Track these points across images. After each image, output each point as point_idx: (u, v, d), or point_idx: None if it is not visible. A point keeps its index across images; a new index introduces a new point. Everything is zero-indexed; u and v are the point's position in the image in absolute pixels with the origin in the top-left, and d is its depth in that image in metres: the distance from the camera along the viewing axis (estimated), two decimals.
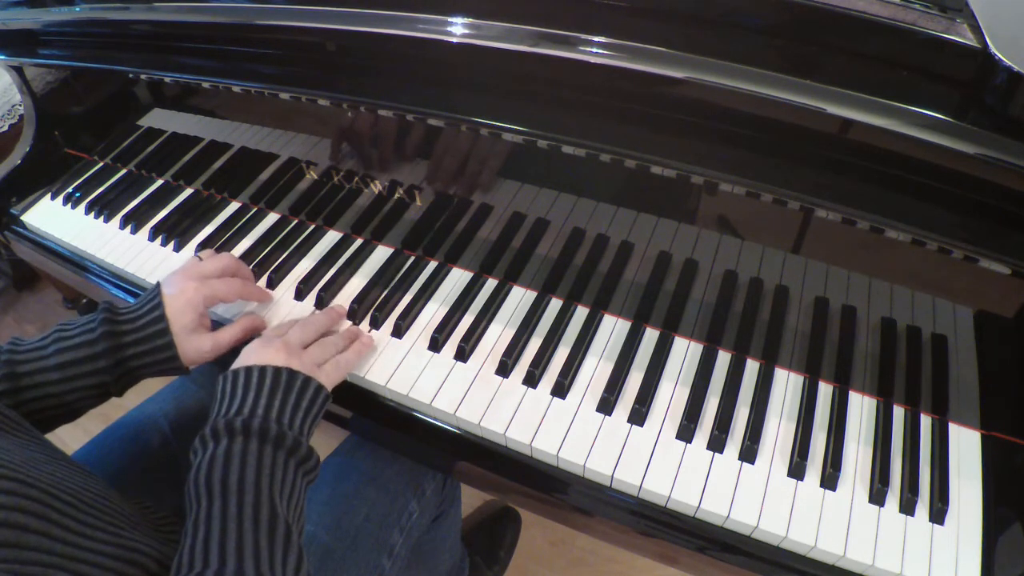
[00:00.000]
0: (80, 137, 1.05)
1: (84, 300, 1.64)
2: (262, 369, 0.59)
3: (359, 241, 0.86)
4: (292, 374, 0.60)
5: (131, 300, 0.87)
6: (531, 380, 0.68)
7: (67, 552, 0.42)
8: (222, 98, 0.85)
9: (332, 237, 0.87)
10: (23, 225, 1.01)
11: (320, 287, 0.79)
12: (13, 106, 1.12)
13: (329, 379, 0.64)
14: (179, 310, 0.66)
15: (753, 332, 0.69)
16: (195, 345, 0.67)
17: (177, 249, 0.89)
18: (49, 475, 0.45)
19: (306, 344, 0.67)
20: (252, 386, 0.58)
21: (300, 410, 0.59)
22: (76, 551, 0.42)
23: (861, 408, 0.66)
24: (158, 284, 0.69)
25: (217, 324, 0.74)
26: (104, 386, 0.64)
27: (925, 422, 0.65)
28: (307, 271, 0.82)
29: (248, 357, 0.62)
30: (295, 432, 0.57)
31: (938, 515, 0.58)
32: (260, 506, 0.50)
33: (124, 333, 0.64)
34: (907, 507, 0.59)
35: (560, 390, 0.67)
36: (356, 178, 0.80)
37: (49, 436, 0.58)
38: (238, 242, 0.88)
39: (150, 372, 0.66)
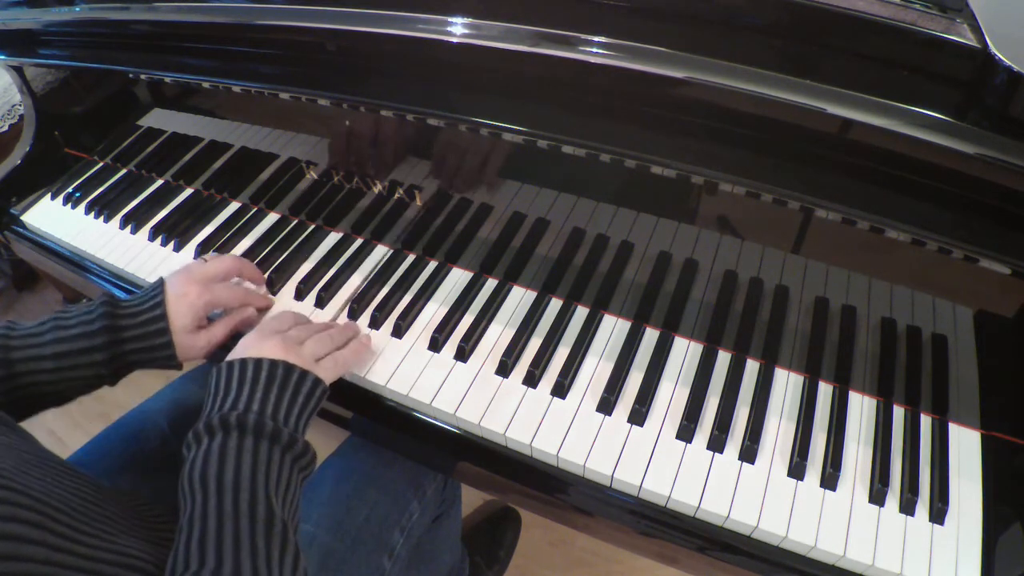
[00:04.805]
0: (80, 137, 1.05)
1: (84, 300, 1.64)
2: (257, 362, 0.58)
3: (359, 241, 0.86)
4: (288, 367, 0.59)
5: None
6: (531, 380, 0.68)
7: (65, 560, 0.41)
8: (222, 98, 0.85)
9: (332, 237, 0.87)
10: (23, 225, 1.01)
11: (320, 287, 0.79)
12: (13, 106, 1.12)
13: (327, 374, 0.63)
14: (180, 312, 0.67)
15: (753, 332, 0.69)
16: (191, 343, 0.67)
17: (177, 249, 0.89)
18: (39, 480, 0.44)
19: (303, 340, 0.66)
20: (247, 379, 0.57)
21: (296, 405, 0.58)
22: (74, 559, 0.42)
23: (861, 408, 0.66)
24: (161, 280, 0.69)
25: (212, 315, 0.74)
26: (99, 377, 0.64)
27: (925, 422, 0.65)
28: (307, 271, 0.82)
29: (244, 349, 0.62)
30: (290, 428, 0.56)
31: (938, 515, 0.58)
32: (256, 504, 0.49)
33: (124, 328, 0.65)
34: (907, 507, 0.59)
35: (560, 390, 0.67)
36: (356, 178, 0.80)
37: (48, 435, 0.58)
38: (238, 242, 0.88)
39: (144, 366, 0.67)
